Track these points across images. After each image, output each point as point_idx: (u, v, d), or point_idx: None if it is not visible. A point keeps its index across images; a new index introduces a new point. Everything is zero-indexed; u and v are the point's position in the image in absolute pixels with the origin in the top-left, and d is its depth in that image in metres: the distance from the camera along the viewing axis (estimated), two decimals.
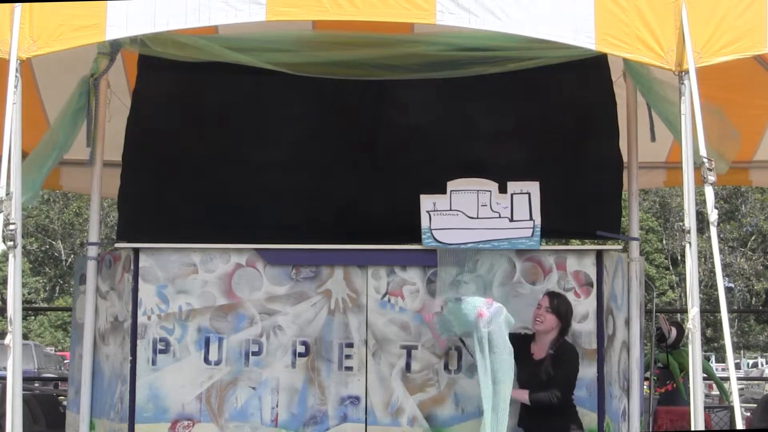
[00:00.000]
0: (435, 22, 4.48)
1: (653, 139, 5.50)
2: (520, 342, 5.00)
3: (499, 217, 5.16)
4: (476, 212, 5.18)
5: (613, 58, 5.34)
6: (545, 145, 6.42)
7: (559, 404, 4.80)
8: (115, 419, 5.34)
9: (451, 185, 5.21)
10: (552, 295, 4.98)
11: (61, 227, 31.06)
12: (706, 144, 4.34)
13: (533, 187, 5.17)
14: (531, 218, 5.16)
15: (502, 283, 5.23)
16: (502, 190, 5.20)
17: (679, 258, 31.12)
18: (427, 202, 5.21)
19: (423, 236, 5.19)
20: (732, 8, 4.49)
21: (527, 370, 4.92)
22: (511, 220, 5.16)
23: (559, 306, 4.93)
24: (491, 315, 4.84)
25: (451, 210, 5.19)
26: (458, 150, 6.44)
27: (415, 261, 5.31)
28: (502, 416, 4.76)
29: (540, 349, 4.93)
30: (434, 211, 5.20)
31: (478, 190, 5.21)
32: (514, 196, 5.18)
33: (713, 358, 28.43)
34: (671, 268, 32.77)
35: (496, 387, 4.80)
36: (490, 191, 5.19)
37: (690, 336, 4.35)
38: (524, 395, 4.85)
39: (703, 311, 4.52)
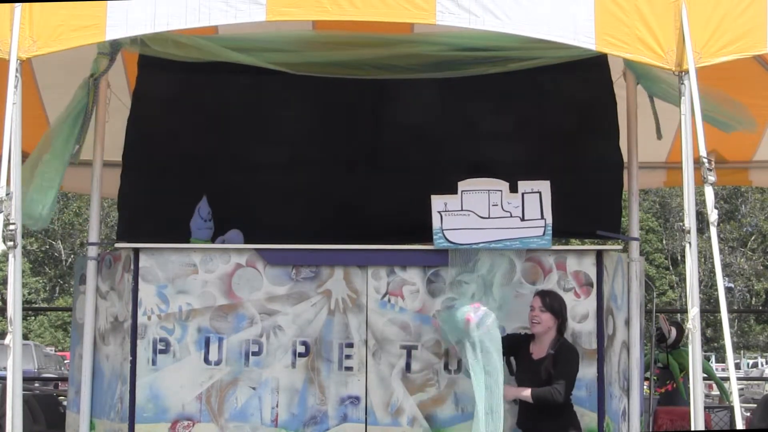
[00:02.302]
0: (435, 22, 4.48)
1: (660, 136, 5.50)
2: (520, 342, 5.01)
3: (511, 216, 5.16)
4: (487, 212, 5.17)
5: (613, 58, 5.34)
6: (545, 145, 6.42)
7: (561, 401, 4.81)
8: (115, 419, 5.34)
9: (462, 185, 5.20)
10: (543, 294, 4.99)
11: (61, 227, 31.09)
12: (728, 111, 4.32)
13: (544, 186, 5.17)
14: (542, 217, 5.16)
15: (503, 283, 5.22)
16: (513, 189, 5.19)
17: (679, 258, 31.15)
18: (438, 202, 5.20)
19: (434, 237, 5.18)
20: (732, 8, 4.49)
21: (527, 370, 4.92)
22: (523, 219, 5.16)
23: (552, 303, 4.94)
24: (479, 318, 4.87)
25: (462, 210, 5.18)
26: (458, 150, 6.44)
27: (415, 261, 5.31)
28: (497, 418, 4.78)
29: (540, 349, 4.93)
30: (445, 211, 5.19)
31: (489, 190, 5.20)
32: (525, 195, 5.17)
33: (713, 358, 28.44)
34: (671, 268, 32.80)
35: (492, 388, 4.81)
36: (501, 191, 5.18)
37: (690, 336, 4.35)
38: (526, 392, 4.86)
39: (703, 311, 4.51)
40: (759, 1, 4.49)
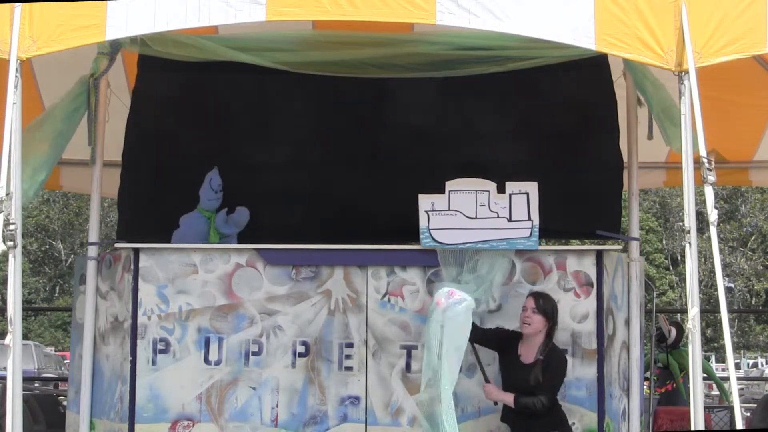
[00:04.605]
0: (435, 22, 4.48)
1: (650, 137, 5.50)
2: (509, 339, 5.00)
3: (498, 217, 5.16)
4: (474, 212, 5.17)
5: (613, 57, 5.34)
6: (545, 144, 6.43)
7: (544, 411, 4.79)
8: (115, 419, 5.34)
9: (449, 185, 5.20)
10: (537, 296, 4.98)
11: (61, 227, 31.07)
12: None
13: (531, 188, 5.17)
14: (529, 218, 5.15)
15: (503, 283, 5.22)
16: (501, 190, 5.19)
17: (679, 258, 31.13)
18: (425, 202, 5.20)
19: (421, 236, 5.19)
20: (732, 8, 4.49)
21: (515, 373, 4.90)
22: (510, 220, 5.16)
23: (545, 306, 4.93)
24: (448, 305, 4.88)
25: (449, 210, 5.18)
26: (458, 150, 6.44)
27: (415, 261, 5.31)
28: (449, 415, 4.79)
29: (528, 352, 4.91)
30: (433, 210, 5.19)
31: (476, 190, 5.20)
32: (513, 196, 5.17)
33: (713, 358, 28.43)
34: (671, 268, 32.79)
35: (439, 379, 4.83)
36: (489, 191, 5.18)
37: (690, 336, 4.35)
38: (509, 398, 4.85)
39: (703, 311, 4.51)
40: (759, 1, 4.49)
